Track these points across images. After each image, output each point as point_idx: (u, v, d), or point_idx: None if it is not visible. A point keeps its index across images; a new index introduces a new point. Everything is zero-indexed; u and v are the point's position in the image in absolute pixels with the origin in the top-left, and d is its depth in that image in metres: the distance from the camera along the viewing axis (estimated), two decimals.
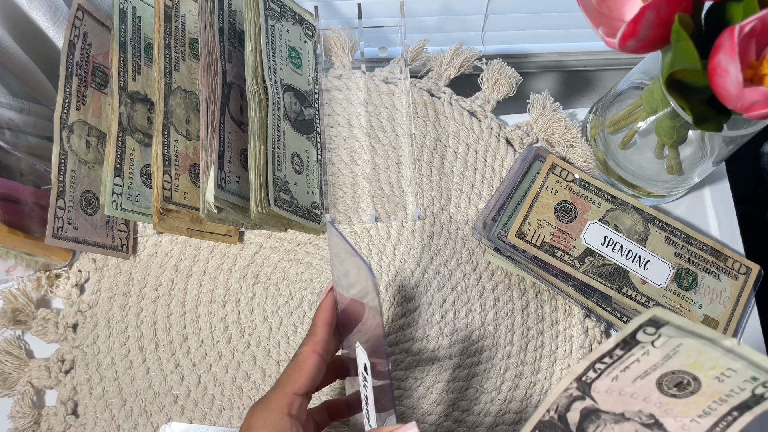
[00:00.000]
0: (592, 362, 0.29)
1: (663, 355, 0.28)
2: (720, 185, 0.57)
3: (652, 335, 0.27)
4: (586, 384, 0.30)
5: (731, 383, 0.27)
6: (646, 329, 0.27)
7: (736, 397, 0.27)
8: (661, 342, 0.27)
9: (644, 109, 0.47)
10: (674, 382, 0.29)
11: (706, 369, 0.27)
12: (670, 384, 0.29)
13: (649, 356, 0.28)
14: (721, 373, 0.27)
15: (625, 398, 0.30)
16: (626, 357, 0.28)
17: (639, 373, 0.29)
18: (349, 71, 0.58)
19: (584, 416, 0.32)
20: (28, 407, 0.51)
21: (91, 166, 0.52)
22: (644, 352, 0.28)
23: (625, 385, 0.30)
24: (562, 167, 0.52)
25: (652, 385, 0.29)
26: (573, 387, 0.31)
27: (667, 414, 0.30)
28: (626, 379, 0.29)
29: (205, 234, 0.52)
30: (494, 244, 0.51)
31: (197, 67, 0.53)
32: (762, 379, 0.26)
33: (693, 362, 0.27)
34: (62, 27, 0.53)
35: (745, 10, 0.36)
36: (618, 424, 0.31)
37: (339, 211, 0.55)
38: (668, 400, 0.29)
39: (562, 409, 0.32)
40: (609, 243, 0.50)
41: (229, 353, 0.53)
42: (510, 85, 0.58)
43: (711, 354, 0.27)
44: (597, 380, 0.30)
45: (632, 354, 0.28)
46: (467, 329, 0.52)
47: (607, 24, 0.40)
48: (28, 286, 0.53)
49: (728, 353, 0.26)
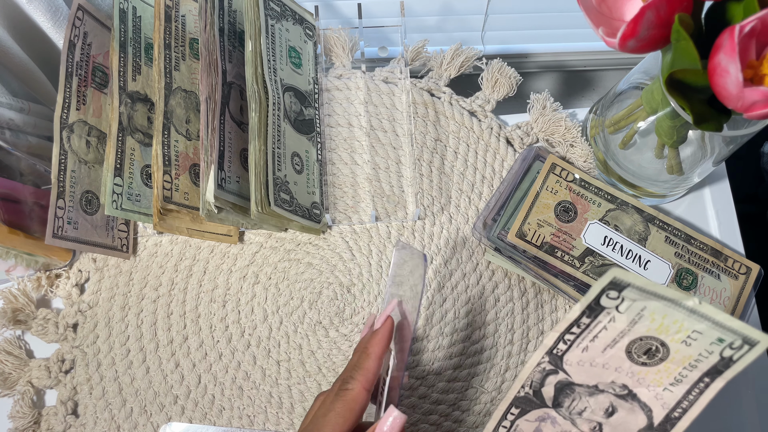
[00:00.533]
0: (561, 333, 0.29)
1: (629, 320, 0.28)
2: (720, 185, 0.57)
3: (615, 299, 0.27)
4: (557, 357, 0.30)
5: (699, 346, 0.27)
6: (609, 293, 0.27)
7: (706, 361, 0.27)
8: (625, 306, 0.27)
9: (644, 109, 0.47)
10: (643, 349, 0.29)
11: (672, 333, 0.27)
12: (639, 351, 0.29)
13: (616, 323, 0.28)
14: (687, 336, 0.27)
15: (597, 369, 0.30)
16: (593, 325, 0.28)
17: (608, 341, 0.29)
18: (349, 71, 0.58)
19: (559, 390, 0.32)
20: (28, 407, 0.51)
21: (91, 166, 0.52)
22: (610, 319, 0.28)
23: (595, 355, 0.30)
24: (562, 167, 0.52)
25: (622, 354, 0.29)
26: (545, 361, 0.31)
27: (640, 384, 0.30)
28: (596, 349, 0.29)
29: (205, 234, 0.52)
30: (494, 244, 0.51)
31: (197, 67, 0.53)
32: (728, 340, 0.26)
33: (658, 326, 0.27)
34: (62, 27, 0.53)
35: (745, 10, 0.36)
36: (592, 396, 0.31)
37: (339, 211, 0.55)
38: (639, 369, 0.29)
39: (537, 384, 0.32)
40: (609, 243, 0.50)
41: (229, 353, 0.53)
42: (510, 85, 0.58)
43: (675, 316, 0.26)
44: (568, 352, 0.30)
45: (599, 321, 0.28)
46: (467, 329, 0.52)
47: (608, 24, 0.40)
48: (28, 286, 0.53)
49: (692, 314, 0.26)
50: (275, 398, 0.52)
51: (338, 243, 0.54)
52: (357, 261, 0.54)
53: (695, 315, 0.26)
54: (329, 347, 0.53)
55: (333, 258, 0.54)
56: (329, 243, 0.54)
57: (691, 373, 0.28)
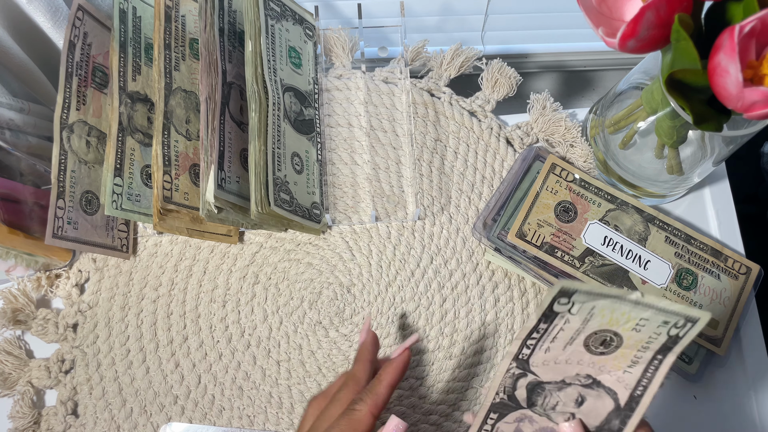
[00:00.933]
0: (523, 340, 0.32)
1: (581, 319, 0.30)
2: (720, 185, 0.57)
3: (566, 305, 0.30)
4: (523, 361, 0.33)
5: (647, 331, 0.30)
6: (560, 300, 0.29)
7: (656, 342, 0.30)
8: (576, 309, 0.30)
9: (644, 109, 0.47)
10: (599, 340, 0.31)
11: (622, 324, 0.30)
12: (596, 343, 0.31)
13: (570, 323, 0.31)
14: (636, 324, 0.30)
15: (560, 366, 0.33)
16: (551, 329, 0.31)
17: (566, 340, 0.31)
18: (349, 71, 0.58)
19: (530, 391, 0.34)
20: (28, 407, 0.51)
21: (91, 166, 0.52)
22: (565, 321, 0.30)
23: (557, 354, 0.32)
24: (562, 167, 0.52)
25: (581, 348, 0.32)
26: (513, 366, 0.33)
27: (602, 371, 0.32)
28: (557, 348, 0.32)
29: (205, 234, 0.52)
30: (494, 244, 0.51)
31: (197, 67, 0.53)
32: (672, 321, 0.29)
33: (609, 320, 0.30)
34: (62, 27, 0.53)
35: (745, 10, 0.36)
36: (562, 390, 0.34)
37: (339, 211, 0.55)
38: (599, 358, 0.32)
39: (509, 388, 0.34)
40: (609, 243, 0.50)
41: (229, 353, 0.53)
42: (510, 85, 0.58)
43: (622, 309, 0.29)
44: (532, 356, 0.33)
45: (555, 325, 0.31)
46: (467, 329, 0.52)
47: (607, 24, 0.40)
48: (28, 286, 0.53)
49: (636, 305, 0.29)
50: (275, 398, 0.52)
51: (338, 243, 0.54)
52: (357, 261, 0.54)
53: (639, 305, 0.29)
54: (329, 347, 0.53)
55: (333, 258, 0.54)
56: (329, 243, 0.54)
57: (644, 353, 0.31)
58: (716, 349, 0.49)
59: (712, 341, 0.49)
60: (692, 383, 0.52)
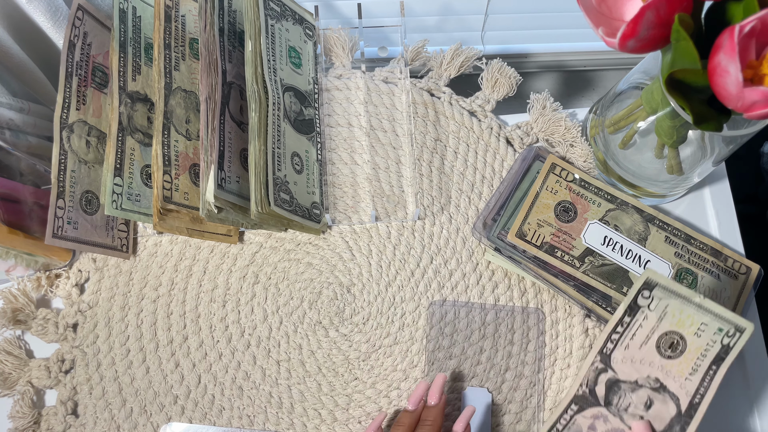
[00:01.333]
0: (609, 333, 0.36)
1: (657, 317, 0.35)
2: (720, 185, 0.57)
3: (647, 298, 0.34)
4: (606, 356, 0.37)
5: (706, 337, 0.34)
6: (643, 292, 0.34)
7: (712, 350, 0.34)
8: (654, 305, 0.34)
9: (644, 109, 0.47)
10: (668, 343, 0.35)
11: (687, 326, 0.35)
12: (665, 345, 0.35)
13: (648, 320, 0.35)
14: (698, 329, 0.34)
15: (636, 365, 0.36)
16: (632, 324, 0.35)
17: (643, 338, 0.35)
18: (349, 71, 0.58)
19: (608, 388, 0.37)
20: (28, 407, 0.51)
21: (91, 166, 0.52)
22: (644, 317, 0.35)
23: (634, 352, 0.36)
24: (562, 167, 0.52)
25: (653, 349, 0.36)
26: (597, 360, 0.37)
27: (668, 376, 0.36)
28: (635, 346, 0.36)
29: (205, 234, 0.52)
30: (494, 244, 0.51)
31: (197, 67, 0.53)
32: (725, 329, 0.34)
33: (678, 321, 0.35)
34: (62, 27, 0.53)
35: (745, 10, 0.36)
36: (634, 392, 0.37)
37: (339, 211, 0.55)
38: (666, 362, 0.36)
39: (591, 383, 0.38)
40: (609, 243, 0.50)
41: (229, 353, 0.53)
42: (510, 85, 0.58)
43: (688, 311, 0.34)
44: (614, 351, 0.37)
45: (636, 320, 0.35)
46: (467, 329, 0.52)
47: (607, 24, 0.40)
48: (28, 286, 0.53)
49: (699, 309, 0.34)
50: (275, 398, 0.52)
51: (338, 243, 0.54)
52: (357, 261, 0.54)
53: (702, 309, 0.34)
54: (329, 347, 0.53)
55: (333, 258, 0.54)
56: (329, 243, 0.54)
57: (702, 362, 0.35)
58: None
59: None
60: None
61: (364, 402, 0.51)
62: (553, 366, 0.52)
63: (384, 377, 0.52)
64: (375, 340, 0.52)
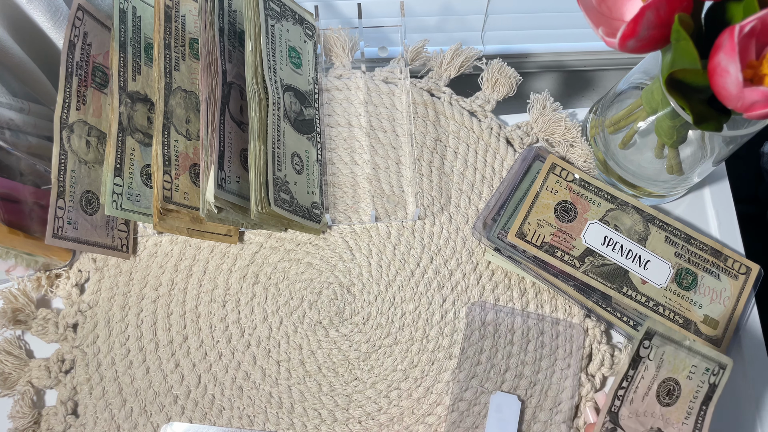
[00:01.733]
0: (615, 391, 0.36)
1: (656, 366, 0.36)
2: (720, 185, 0.57)
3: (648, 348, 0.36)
4: (614, 414, 0.37)
5: (696, 379, 0.35)
6: (644, 343, 0.35)
7: (702, 391, 0.35)
8: (653, 353, 0.36)
9: (644, 109, 0.47)
10: (666, 390, 0.36)
11: (680, 371, 0.36)
12: (663, 393, 0.36)
13: (648, 370, 0.36)
14: (689, 372, 0.35)
15: (640, 419, 0.37)
16: (636, 376, 0.36)
17: (644, 390, 0.36)
18: (349, 71, 0.58)
19: None
20: (28, 407, 0.51)
21: (91, 166, 0.52)
22: (645, 367, 0.36)
23: (638, 406, 0.37)
24: (562, 167, 0.52)
25: (654, 399, 0.36)
26: (607, 420, 0.37)
27: (668, 424, 0.37)
28: (638, 399, 0.37)
29: (205, 234, 0.52)
30: (494, 244, 0.51)
31: (197, 67, 0.53)
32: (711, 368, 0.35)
33: (673, 367, 0.36)
34: (62, 27, 0.53)
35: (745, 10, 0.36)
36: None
37: (339, 211, 0.55)
38: (665, 410, 0.37)
39: None
40: (609, 243, 0.50)
41: (229, 353, 0.53)
42: (510, 85, 0.58)
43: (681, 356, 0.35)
44: (621, 407, 0.37)
45: (638, 372, 0.36)
46: (467, 329, 0.52)
47: (607, 24, 0.40)
48: (28, 286, 0.53)
49: (690, 351, 0.35)
50: (275, 398, 0.52)
51: (338, 243, 0.54)
52: (357, 261, 0.54)
53: (692, 352, 0.35)
54: (329, 347, 0.53)
55: (333, 258, 0.54)
56: (329, 243, 0.55)
57: (695, 404, 0.36)
58: (716, 349, 0.49)
59: (712, 341, 0.49)
60: None
61: (364, 402, 0.51)
62: (553, 366, 0.52)
63: (384, 377, 0.52)
64: (375, 340, 0.52)
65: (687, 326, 0.49)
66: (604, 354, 0.51)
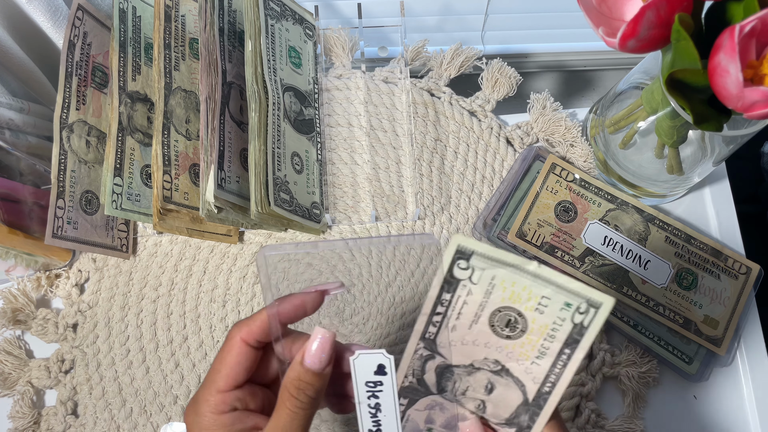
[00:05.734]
0: (429, 315, 0.30)
1: (483, 291, 0.29)
2: (720, 185, 0.57)
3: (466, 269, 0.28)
4: (430, 341, 0.31)
5: (551, 313, 0.28)
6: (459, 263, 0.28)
7: (561, 330, 0.28)
8: (477, 276, 0.28)
9: (644, 109, 0.47)
10: (504, 321, 0.30)
11: (524, 301, 0.29)
12: (501, 324, 0.30)
13: (473, 295, 0.29)
14: (538, 303, 0.28)
15: (468, 347, 0.31)
16: (455, 300, 0.29)
17: (471, 317, 0.30)
18: (349, 71, 0.58)
19: (439, 375, 0.32)
20: (27, 407, 0.51)
21: (91, 166, 0.52)
22: (467, 292, 0.29)
23: (464, 334, 0.31)
24: (563, 167, 0.52)
25: (487, 329, 0.30)
26: (421, 347, 0.32)
27: (510, 358, 0.31)
28: (463, 327, 0.30)
29: (205, 234, 0.52)
30: (494, 244, 0.51)
31: (197, 67, 0.53)
32: (575, 304, 0.27)
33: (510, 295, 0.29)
34: (62, 27, 0.53)
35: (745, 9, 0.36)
36: (471, 375, 0.32)
37: (339, 211, 0.55)
38: (506, 343, 0.30)
39: (418, 372, 0.32)
40: (609, 243, 0.50)
41: None
42: (510, 84, 0.58)
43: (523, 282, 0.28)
44: (438, 334, 0.31)
45: (458, 296, 0.29)
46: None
47: (608, 24, 0.40)
48: (28, 286, 0.53)
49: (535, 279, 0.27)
50: None
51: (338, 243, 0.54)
52: (357, 261, 0.54)
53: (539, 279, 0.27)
54: None
55: (333, 258, 0.54)
56: None
57: (552, 344, 0.29)
58: (716, 349, 0.49)
59: (712, 341, 0.49)
60: (692, 383, 0.52)
61: None
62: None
63: None
64: (375, 341, 0.52)
65: (687, 326, 0.49)
66: (605, 354, 0.51)
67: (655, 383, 0.51)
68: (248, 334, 0.32)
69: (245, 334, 0.32)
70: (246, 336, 0.32)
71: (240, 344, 0.31)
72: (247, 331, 0.32)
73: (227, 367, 0.31)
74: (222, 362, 0.31)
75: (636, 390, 0.50)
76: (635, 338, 0.51)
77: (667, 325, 0.49)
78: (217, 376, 0.31)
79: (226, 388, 0.31)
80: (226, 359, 0.31)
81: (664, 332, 0.50)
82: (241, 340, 0.32)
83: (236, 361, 0.31)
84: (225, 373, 0.31)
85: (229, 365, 0.31)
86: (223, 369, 0.31)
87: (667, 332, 0.50)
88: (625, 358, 0.51)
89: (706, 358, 0.50)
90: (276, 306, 0.33)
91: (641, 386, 0.50)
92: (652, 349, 0.50)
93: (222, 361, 0.31)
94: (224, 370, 0.31)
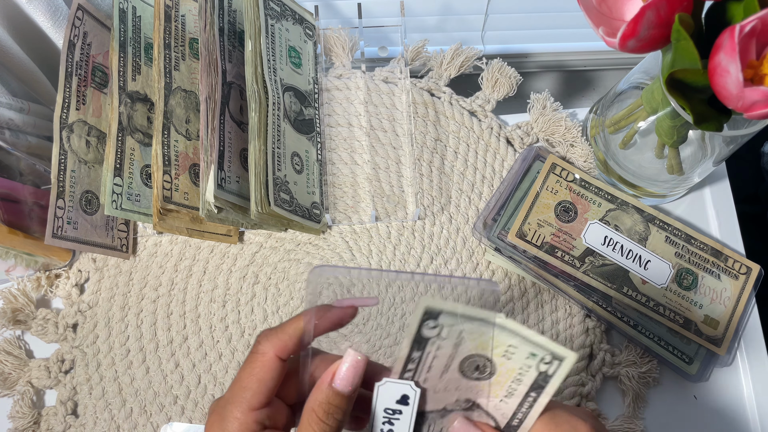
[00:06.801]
0: (399, 374, 0.30)
1: (452, 344, 0.29)
2: (720, 185, 0.57)
3: (435, 328, 0.28)
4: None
5: (517, 360, 0.29)
6: (428, 323, 0.28)
7: (527, 376, 0.29)
8: (446, 333, 0.29)
9: (644, 109, 0.47)
10: (473, 366, 0.30)
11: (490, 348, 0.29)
12: (470, 369, 0.30)
13: (443, 349, 0.29)
14: (505, 351, 0.29)
15: (439, 394, 0.31)
16: (425, 357, 0.30)
17: (441, 368, 0.30)
18: (349, 71, 0.58)
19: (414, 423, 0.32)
20: (27, 407, 0.51)
21: (91, 166, 0.52)
22: (437, 347, 0.29)
23: (435, 384, 0.31)
24: (563, 167, 0.52)
25: (457, 375, 0.30)
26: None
27: (479, 396, 0.31)
28: (434, 378, 0.31)
29: (205, 234, 0.52)
30: (494, 244, 0.51)
31: (197, 67, 0.53)
32: (539, 355, 0.28)
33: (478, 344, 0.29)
34: (62, 27, 0.53)
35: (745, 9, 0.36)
36: (444, 417, 0.32)
37: (339, 211, 0.55)
38: (476, 384, 0.31)
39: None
40: (609, 243, 0.50)
41: (229, 353, 0.53)
42: (510, 84, 0.58)
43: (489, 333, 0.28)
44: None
45: (428, 353, 0.29)
46: None
47: (608, 24, 0.40)
48: (28, 286, 0.53)
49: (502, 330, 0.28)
50: None
51: (338, 243, 0.54)
52: (357, 261, 0.54)
53: (505, 330, 0.28)
54: (329, 347, 0.52)
55: (333, 258, 0.54)
56: (329, 243, 0.54)
57: (518, 387, 0.30)
58: (716, 349, 0.49)
59: (712, 341, 0.49)
60: (692, 383, 0.52)
61: None
62: None
63: None
64: (375, 341, 0.52)
65: (687, 326, 0.49)
66: (605, 354, 0.51)
67: (655, 383, 0.51)
68: (282, 348, 0.30)
69: (279, 349, 0.30)
70: (280, 351, 0.30)
71: (273, 359, 0.29)
72: (281, 346, 0.30)
73: (259, 383, 0.29)
74: (252, 377, 0.29)
75: (636, 390, 0.50)
76: (635, 338, 0.51)
77: (667, 325, 0.49)
78: (248, 393, 0.29)
79: (258, 406, 0.29)
80: (258, 374, 0.29)
81: (664, 332, 0.50)
82: (274, 355, 0.29)
83: (270, 376, 0.29)
84: (257, 390, 0.29)
85: (262, 381, 0.29)
86: (254, 385, 0.29)
87: (667, 332, 0.50)
88: (625, 358, 0.51)
89: (706, 358, 0.50)
90: (313, 320, 0.31)
91: (641, 386, 0.50)
92: (652, 349, 0.50)
93: (253, 376, 0.29)
94: (255, 386, 0.29)
